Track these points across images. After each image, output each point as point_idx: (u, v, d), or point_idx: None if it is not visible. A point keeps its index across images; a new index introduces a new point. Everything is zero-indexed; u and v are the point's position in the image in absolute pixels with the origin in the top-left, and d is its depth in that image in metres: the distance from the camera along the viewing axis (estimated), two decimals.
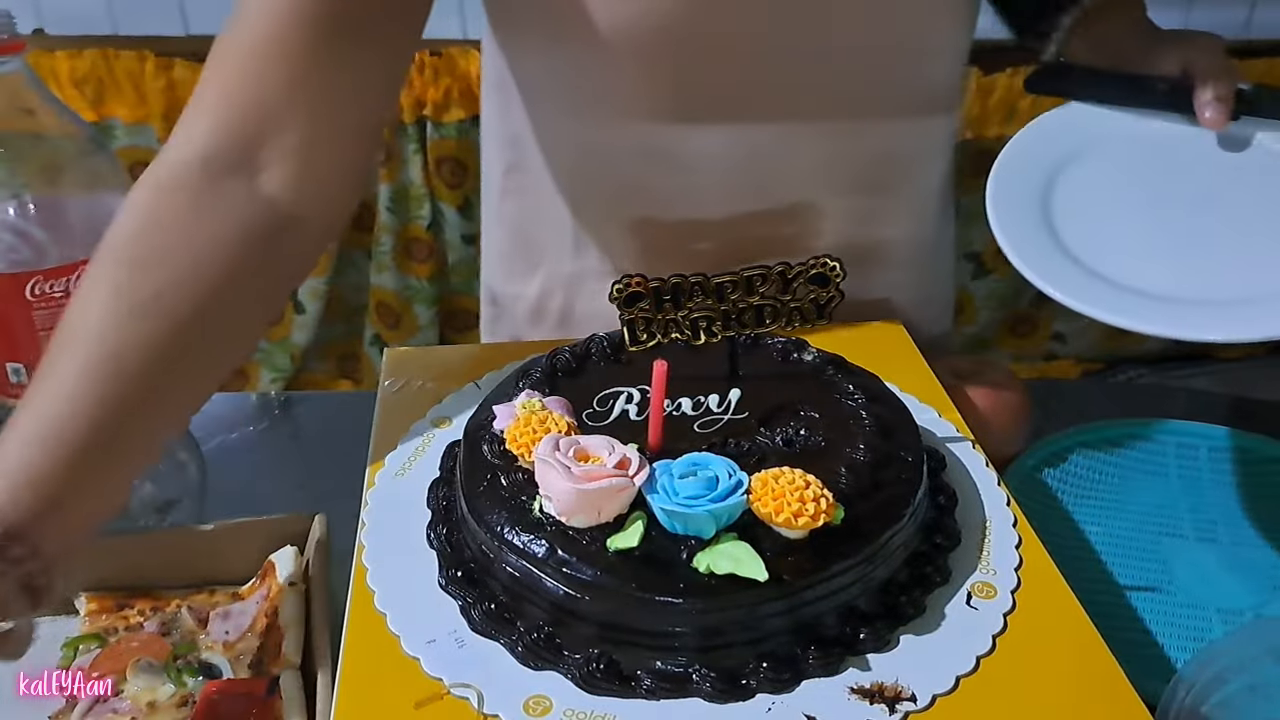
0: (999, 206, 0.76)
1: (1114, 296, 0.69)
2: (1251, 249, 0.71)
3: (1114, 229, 0.74)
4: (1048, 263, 0.71)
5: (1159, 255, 0.72)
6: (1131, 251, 0.72)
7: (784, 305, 0.64)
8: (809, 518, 0.51)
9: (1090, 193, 0.77)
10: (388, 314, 2.26)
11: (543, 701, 0.51)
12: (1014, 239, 0.73)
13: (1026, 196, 0.77)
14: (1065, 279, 0.70)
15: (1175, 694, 0.56)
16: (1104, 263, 0.71)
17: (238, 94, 0.64)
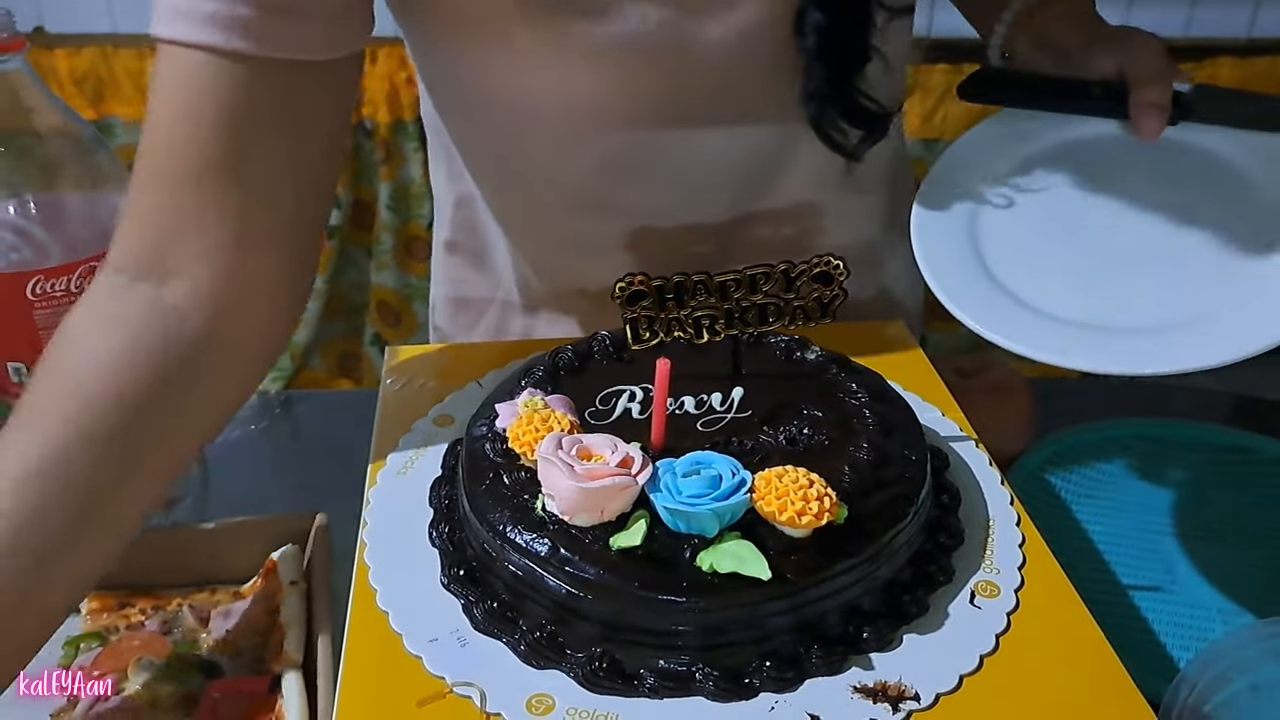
0: (923, 232, 0.75)
1: (1036, 328, 0.67)
2: (1181, 269, 0.69)
3: (1040, 253, 0.72)
4: (969, 290, 0.70)
5: (1084, 281, 0.70)
6: (1056, 278, 0.70)
7: (787, 304, 0.64)
8: (812, 516, 0.51)
9: (1017, 214, 0.75)
10: (388, 313, 2.26)
11: (545, 700, 0.51)
12: (936, 266, 0.72)
13: (951, 219, 0.75)
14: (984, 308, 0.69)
15: (1178, 693, 0.56)
16: (1027, 289, 0.70)
17: (149, 199, 0.61)
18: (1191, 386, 1.01)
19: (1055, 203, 0.76)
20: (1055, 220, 0.75)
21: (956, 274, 0.72)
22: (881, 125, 0.76)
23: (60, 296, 0.72)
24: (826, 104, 0.73)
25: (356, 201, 2.18)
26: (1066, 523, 0.76)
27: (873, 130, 0.76)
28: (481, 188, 0.88)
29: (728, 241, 0.86)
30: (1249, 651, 0.58)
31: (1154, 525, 0.77)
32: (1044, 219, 0.75)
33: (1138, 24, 0.81)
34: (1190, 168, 0.74)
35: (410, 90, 2.01)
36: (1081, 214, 0.74)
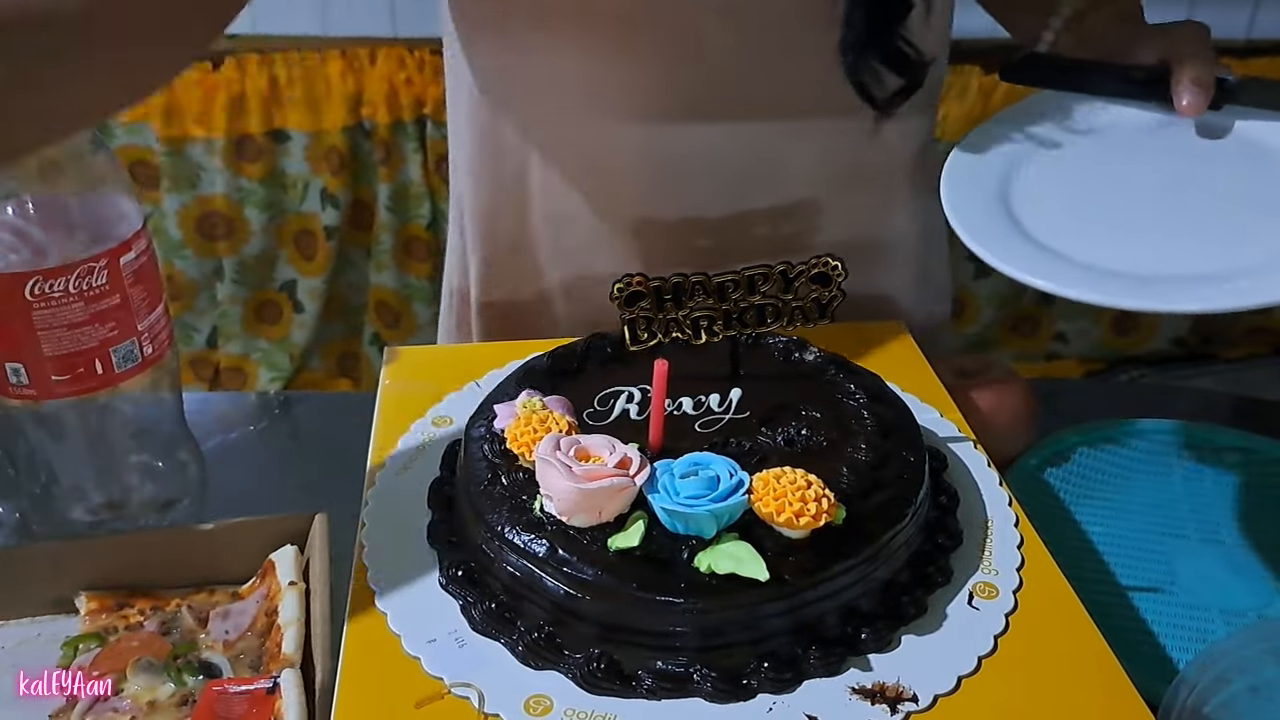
0: (953, 184, 0.75)
1: (1056, 267, 0.67)
2: (1213, 230, 0.69)
3: (1070, 209, 0.72)
4: (997, 238, 0.70)
5: (1116, 234, 0.69)
6: (1084, 229, 0.70)
7: (785, 304, 0.64)
8: (810, 517, 0.51)
9: (1051, 176, 0.75)
10: (387, 313, 2.26)
11: (543, 701, 0.51)
12: (964, 215, 0.72)
13: (983, 176, 0.75)
14: (1012, 251, 0.68)
15: (1177, 695, 0.56)
16: (1055, 238, 0.69)
17: None
18: (1192, 388, 1.01)
19: (1089, 170, 0.76)
20: (1088, 185, 0.75)
21: (985, 224, 0.71)
22: (918, 75, 0.76)
23: (59, 297, 0.72)
24: (866, 50, 0.73)
25: (355, 202, 2.18)
26: (1065, 524, 0.76)
27: (911, 79, 0.76)
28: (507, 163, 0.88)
29: (727, 236, 0.86)
30: (1248, 652, 0.58)
31: (1153, 526, 0.77)
32: (1077, 184, 0.75)
33: None
34: (1229, 149, 0.74)
35: (409, 91, 2.01)
36: (1116, 181, 0.74)
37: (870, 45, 0.73)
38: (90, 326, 0.71)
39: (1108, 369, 2.44)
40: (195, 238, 2.24)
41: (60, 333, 0.72)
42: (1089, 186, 0.75)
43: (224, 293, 2.28)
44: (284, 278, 2.27)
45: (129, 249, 0.75)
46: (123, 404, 0.74)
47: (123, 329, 0.72)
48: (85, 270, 0.72)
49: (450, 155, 0.95)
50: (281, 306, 2.30)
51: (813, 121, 0.81)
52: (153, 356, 0.74)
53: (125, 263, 0.75)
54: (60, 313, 0.72)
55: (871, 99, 0.76)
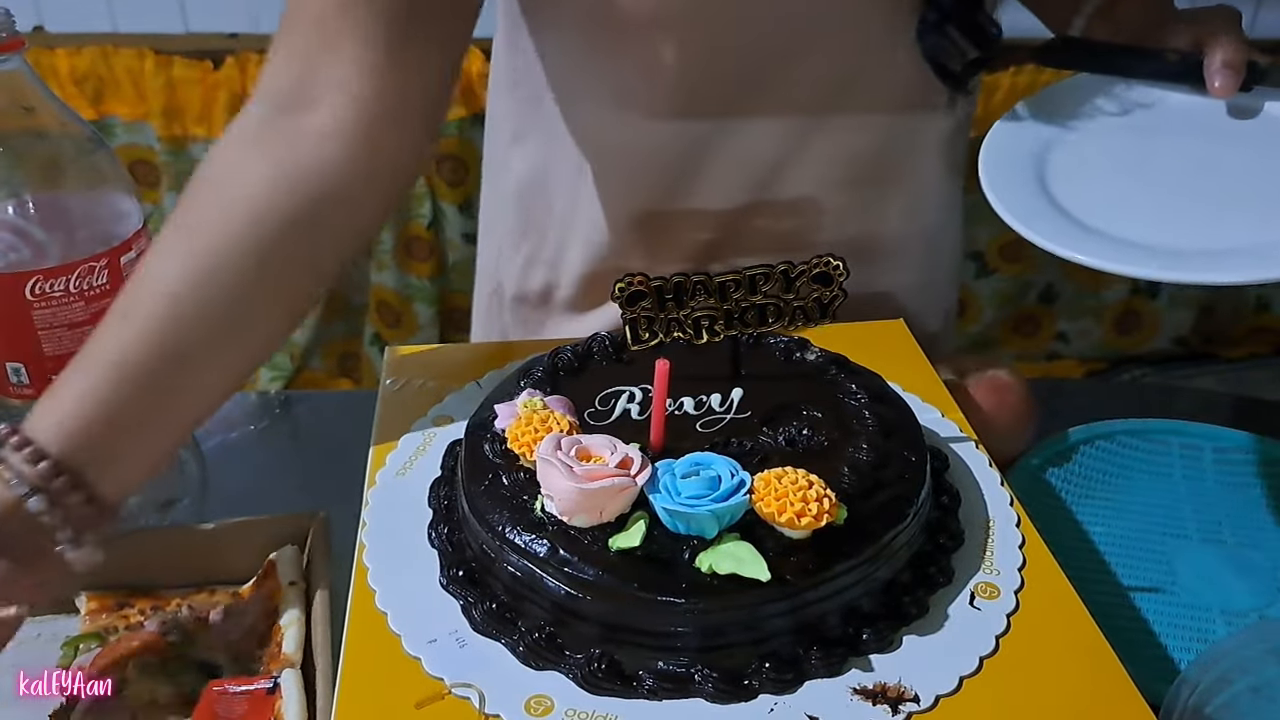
0: (990, 164, 0.75)
1: (1094, 242, 0.68)
2: (1244, 207, 0.70)
3: (1106, 186, 0.73)
4: (1035, 214, 0.71)
5: (1147, 209, 0.71)
6: (1120, 206, 0.71)
7: (787, 304, 0.64)
8: (812, 518, 0.51)
9: (1087, 155, 0.76)
10: (388, 313, 2.26)
11: (544, 701, 0.50)
12: (1002, 193, 0.73)
13: (1020, 156, 0.76)
14: (1050, 228, 0.70)
15: (1179, 695, 0.56)
16: (1092, 215, 0.71)
17: (293, 32, 0.65)
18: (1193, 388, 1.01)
19: (1124, 149, 0.77)
20: (1123, 164, 0.76)
21: (1023, 202, 0.73)
22: (993, 47, 0.77)
23: (59, 297, 0.72)
24: (947, 24, 0.76)
25: None
26: (1066, 524, 0.76)
27: (986, 50, 0.78)
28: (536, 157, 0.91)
29: (730, 231, 0.86)
30: (1250, 652, 0.58)
31: (1154, 526, 0.77)
32: (1112, 163, 0.76)
33: None
34: (1260, 129, 0.76)
35: None
36: (1150, 160, 0.76)
37: (953, 18, 0.76)
38: (91, 326, 0.71)
39: (1109, 369, 2.44)
40: None
41: (61, 332, 0.72)
42: (1124, 165, 0.76)
43: None
44: None
45: (129, 248, 0.75)
46: None
47: None
48: (86, 270, 0.72)
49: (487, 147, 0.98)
50: None
51: (812, 119, 0.81)
52: None
53: (126, 262, 0.75)
54: (61, 312, 0.72)
55: (948, 74, 0.78)
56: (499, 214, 0.99)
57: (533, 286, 0.95)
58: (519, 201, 0.94)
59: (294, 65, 0.65)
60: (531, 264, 0.95)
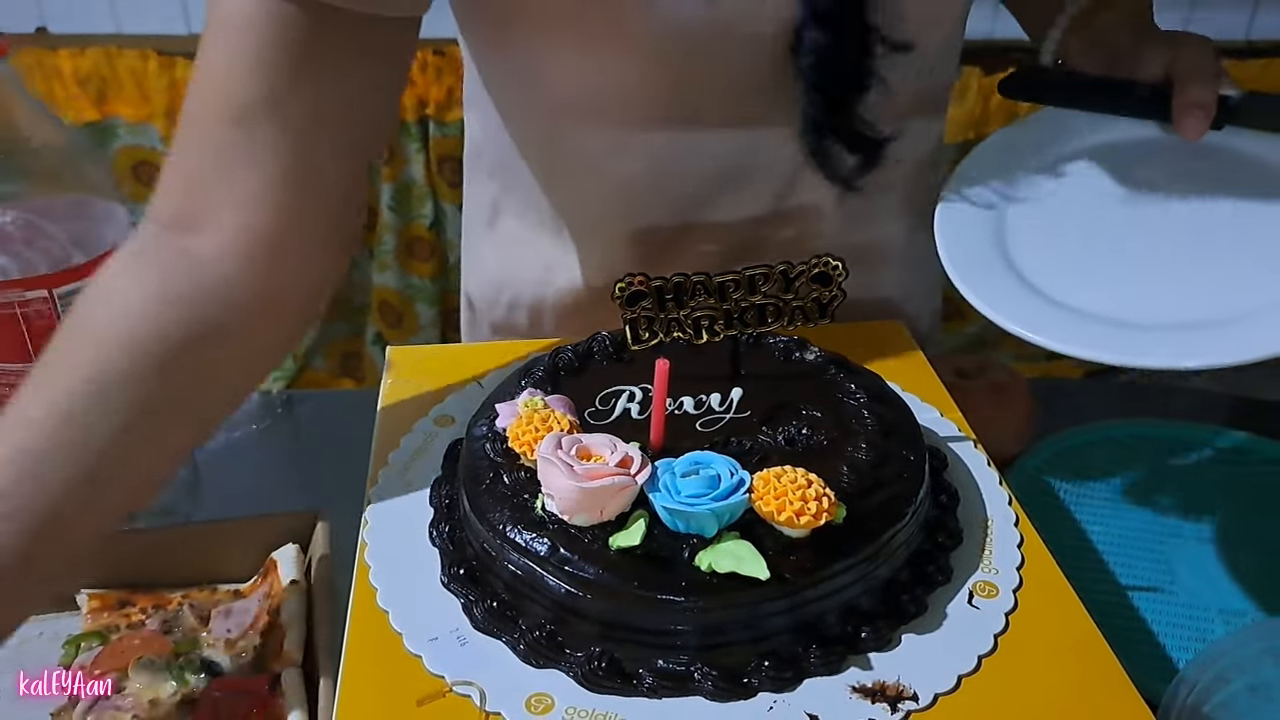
0: (946, 227, 0.73)
1: (1055, 320, 0.67)
2: (1214, 272, 0.68)
3: (1068, 251, 0.71)
4: (990, 283, 0.69)
5: (1112, 278, 0.68)
6: (1083, 274, 0.69)
7: (786, 304, 0.64)
8: (811, 516, 0.51)
9: (1046, 212, 0.74)
10: (390, 313, 2.26)
11: (544, 699, 0.51)
12: (959, 261, 0.71)
13: (976, 214, 0.74)
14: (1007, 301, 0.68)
15: (1177, 694, 0.56)
16: (1053, 286, 0.68)
17: (186, 144, 0.60)
18: (1191, 388, 1.01)
19: (1087, 202, 0.74)
20: (1086, 220, 0.73)
21: (980, 268, 0.71)
22: (876, 152, 0.75)
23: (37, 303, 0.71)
24: (823, 131, 0.73)
25: None
26: (1065, 523, 0.76)
27: (868, 156, 0.75)
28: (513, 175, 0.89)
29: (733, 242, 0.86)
30: (1248, 652, 0.59)
31: (1153, 526, 0.77)
32: (1074, 218, 0.73)
33: None
34: (1232, 173, 0.72)
35: (411, 92, 2.01)
36: (1114, 214, 0.73)
37: (827, 127, 0.73)
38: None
39: (1108, 369, 2.43)
40: None
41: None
42: (1086, 223, 0.73)
43: None
44: None
45: None
46: None
47: None
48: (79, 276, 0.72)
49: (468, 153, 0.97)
50: None
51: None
52: None
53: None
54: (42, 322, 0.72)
55: (834, 176, 0.76)
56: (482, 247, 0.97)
57: (517, 322, 0.95)
58: (507, 241, 0.93)
59: (181, 185, 0.60)
60: (515, 303, 0.95)
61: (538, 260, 0.91)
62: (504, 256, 0.94)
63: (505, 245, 0.94)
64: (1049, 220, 0.73)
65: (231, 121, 0.59)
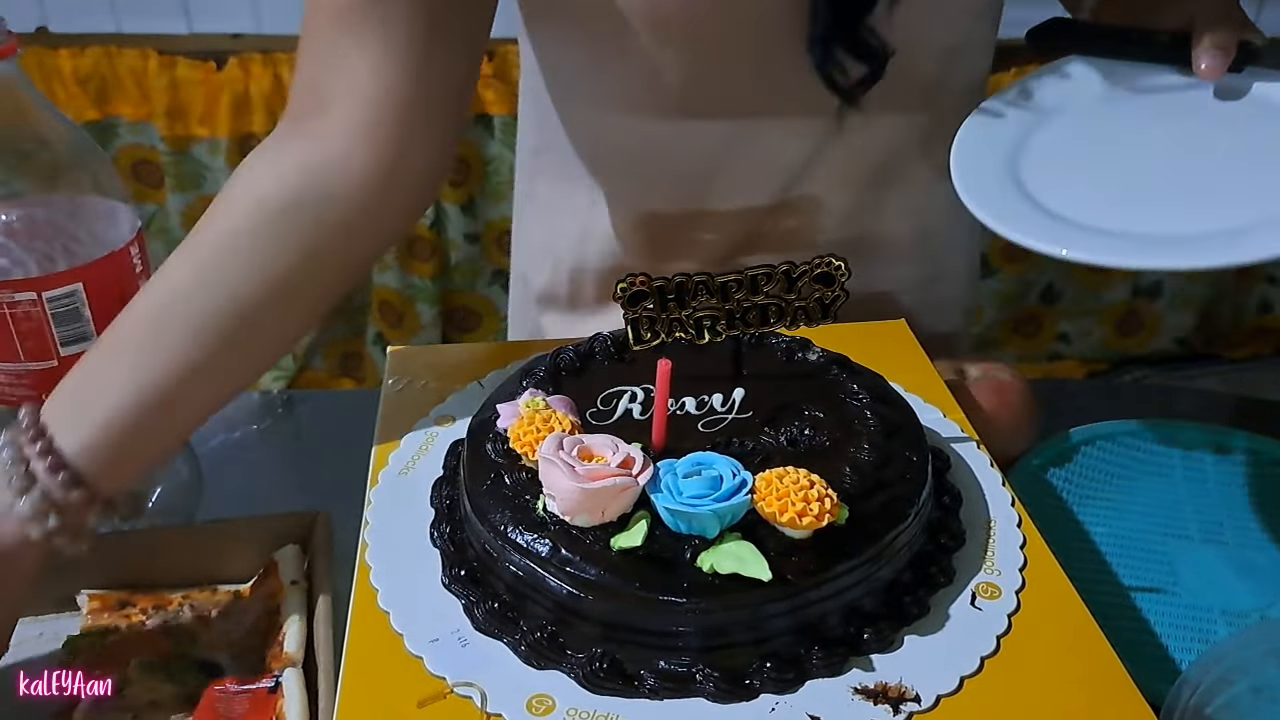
0: (962, 155, 0.75)
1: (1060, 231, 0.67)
2: (1223, 190, 0.69)
3: (1080, 175, 0.72)
4: (1008, 209, 0.70)
5: (1121, 197, 0.69)
6: (1094, 194, 0.70)
7: (789, 304, 0.64)
8: (813, 517, 0.51)
9: (1063, 144, 0.75)
10: (390, 313, 2.26)
11: (546, 701, 0.51)
12: (971, 183, 0.72)
13: (992, 150, 0.75)
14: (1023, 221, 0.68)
15: (1180, 695, 0.56)
16: (1063, 205, 0.69)
17: (317, 46, 0.65)
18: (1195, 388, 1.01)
19: (1103, 134, 0.76)
20: (1101, 149, 0.75)
21: (990, 188, 0.72)
22: (881, 64, 0.76)
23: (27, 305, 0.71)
24: (832, 42, 0.75)
25: None
26: (1068, 524, 0.76)
27: (874, 67, 0.76)
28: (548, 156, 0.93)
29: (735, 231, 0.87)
30: (1251, 653, 0.58)
31: (1156, 526, 0.77)
32: (1089, 149, 0.75)
33: None
34: (1247, 110, 0.74)
35: None
36: (1130, 145, 0.75)
37: (836, 38, 0.74)
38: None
39: (1110, 369, 2.44)
40: None
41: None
42: (1101, 151, 0.75)
43: None
44: None
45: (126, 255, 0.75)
46: None
47: None
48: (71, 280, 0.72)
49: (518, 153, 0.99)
50: None
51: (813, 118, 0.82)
52: None
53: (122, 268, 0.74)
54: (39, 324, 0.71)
55: (836, 88, 0.77)
56: (526, 217, 1.00)
57: (559, 290, 0.97)
58: (544, 208, 0.95)
59: (304, 84, 0.65)
60: (556, 268, 0.96)
61: (574, 225, 0.93)
62: (545, 222, 0.97)
63: (544, 212, 0.97)
64: (1063, 150, 0.75)
65: (340, 17, 0.64)
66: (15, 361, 0.70)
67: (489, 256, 2.23)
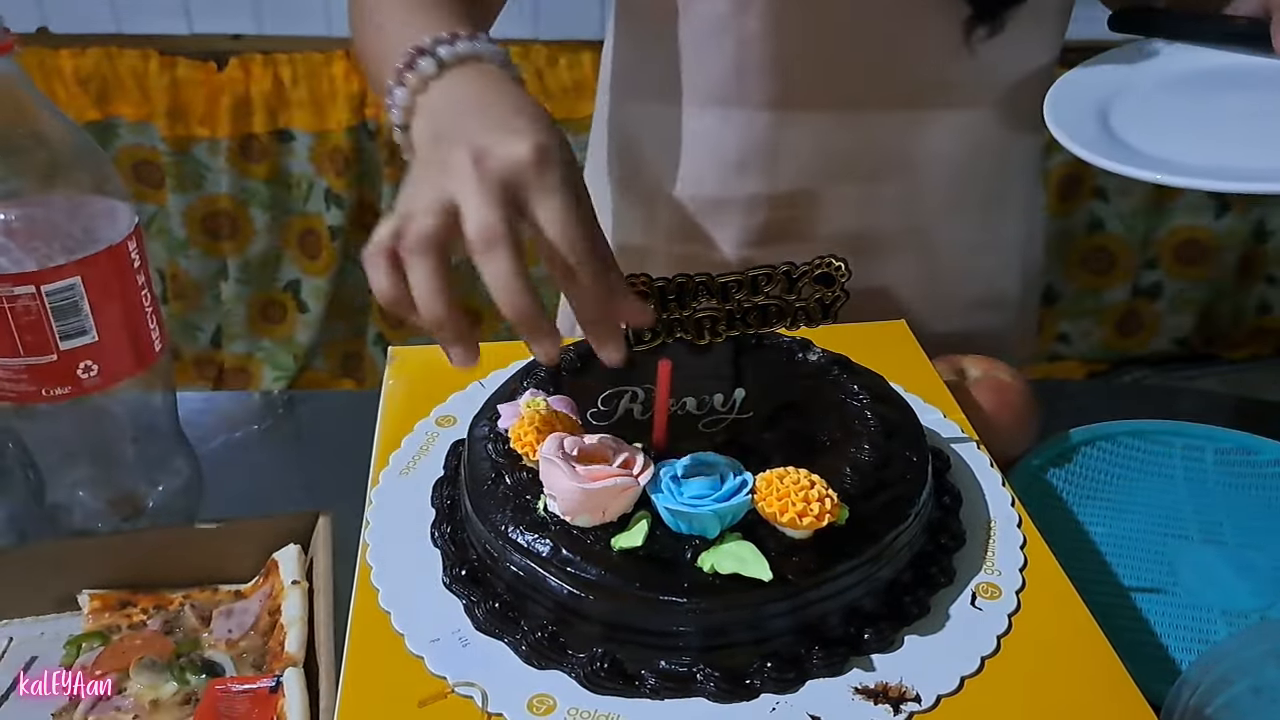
0: (1056, 106, 0.78)
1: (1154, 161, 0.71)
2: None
3: (1169, 125, 0.76)
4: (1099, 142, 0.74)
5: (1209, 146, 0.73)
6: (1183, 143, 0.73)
7: (789, 305, 0.64)
8: (814, 518, 0.51)
9: (1150, 103, 0.79)
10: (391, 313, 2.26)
11: (546, 700, 0.51)
12: (1067, 127, 0.76)
13: (1085, 102, 0.79)
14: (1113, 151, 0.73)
15: (1180, 695, 0.56)
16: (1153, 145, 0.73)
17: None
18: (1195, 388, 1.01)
19: (1188, 100, 0.79)
20: (1186, 111, 0.78)
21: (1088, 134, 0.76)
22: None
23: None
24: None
25: (360, 202, 2.19)
26: (1068, 524, 0.76)
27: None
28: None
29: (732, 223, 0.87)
30: (1251, 653, 0.58)
31: (1156, 527, 0.77)
32: (1175, 109, 0.78)
33: None
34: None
35: None
36: (1213, 107, 0.78)
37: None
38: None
39: (1110, 370, 2.44)
40: (200, 237, 2.24)
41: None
42: (1187, 113, 0.78)
43: (228, 292, 2.28)
44: (288, 277, 2.27)
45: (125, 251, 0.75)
46: (116, 406, 0.74)
47: None
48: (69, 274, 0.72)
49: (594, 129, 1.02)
50: (286, 306, 2.30)
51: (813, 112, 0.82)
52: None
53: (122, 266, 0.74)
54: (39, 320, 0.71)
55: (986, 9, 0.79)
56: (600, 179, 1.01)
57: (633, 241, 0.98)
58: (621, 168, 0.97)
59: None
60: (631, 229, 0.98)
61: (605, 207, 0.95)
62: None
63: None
64: (1151, 108, 0.79)
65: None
66: (14, 356, 0.70)
67: None
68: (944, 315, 0.97)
